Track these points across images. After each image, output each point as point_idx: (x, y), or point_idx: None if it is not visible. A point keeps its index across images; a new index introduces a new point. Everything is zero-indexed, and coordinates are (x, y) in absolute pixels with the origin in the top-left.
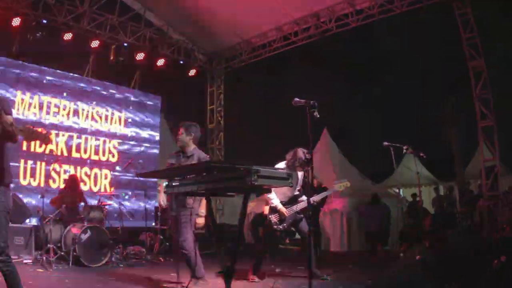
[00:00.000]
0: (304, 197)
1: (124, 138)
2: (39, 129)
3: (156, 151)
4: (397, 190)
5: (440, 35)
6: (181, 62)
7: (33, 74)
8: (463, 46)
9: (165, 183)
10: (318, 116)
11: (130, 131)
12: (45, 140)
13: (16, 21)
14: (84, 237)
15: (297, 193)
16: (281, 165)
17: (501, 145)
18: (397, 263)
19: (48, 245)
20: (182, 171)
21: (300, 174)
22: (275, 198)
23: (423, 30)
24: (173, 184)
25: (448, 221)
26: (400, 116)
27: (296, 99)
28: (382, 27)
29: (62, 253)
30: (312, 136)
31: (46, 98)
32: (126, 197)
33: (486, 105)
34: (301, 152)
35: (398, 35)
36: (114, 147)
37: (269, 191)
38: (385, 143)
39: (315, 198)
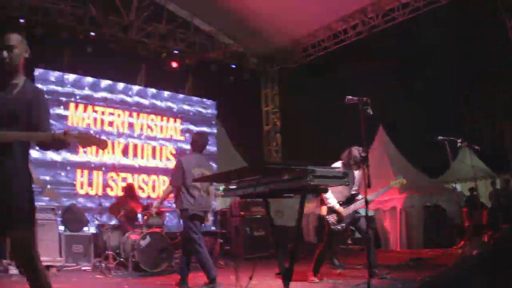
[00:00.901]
0: (360, 196)
1: (180, 143)
2: (95, 135)
3: (211, 155)
4: (454, 185)
5: (484, 27)
6: (233, 66)
7: (85, 85)
8: (509, 35)
9: (221, 187)
10: (371, 113)
11: (186, 137)
12: (101, 145)
13: (64, 35)
14: (143, 243)
15: (354, 192)
16: (337, 165)
17: None
18: (455, 259)
19: (107, 252)
20: (236, 175)
21: (356, 173)
22: (331, 197)
23: (467, 21)
24: (230, 187)
25: (505, 214)
26: (453, 109)
27: (349, 97)
28: (428, 20)
29: (121, 259)
30: (365, 133)
31: (99, 109)
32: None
33: None
34: (356, 151)
35: (445, 27)
36: (171, 153)
37: (326, 191)
38: (440, 137)
39: (371, 196)
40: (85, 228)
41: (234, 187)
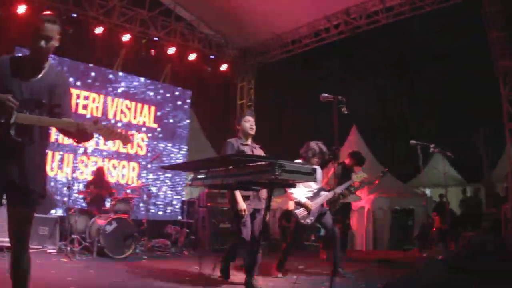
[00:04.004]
0: (325, 191)
1: (152, 131)
2: (119, 130)
3: (183, 145)
4: (423, 190)
5: (468, 34)
6: (212, 57)
7: (63, 67)
8: (490, 46)
9: (190, 176)
10: (346, 112)
11: (159, 125)
12: (126, 140)
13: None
14: (109, 228)
15: (318, 186)
16: (298, 161)
17: None
18: (421, 263)
19: (73, 236)
20: (205, 164)
21: (318, 168)
22: (296, 191)
23: (453, 28)
24: (198, 177)
25: (473, 222)
26: (430, 115)
27: (324, 94)
28: (413, 25)
29: (87, 244)
30: (338, 132)
31: (75, 91)
32: (154, 190)
33: None
34: (313, 143)
35: (428, 32)
36: (143, 140)
37: (294, 186)
38: (412, 142)
39: (337, 190)
40: (52, 211)
41: (202, 176)
